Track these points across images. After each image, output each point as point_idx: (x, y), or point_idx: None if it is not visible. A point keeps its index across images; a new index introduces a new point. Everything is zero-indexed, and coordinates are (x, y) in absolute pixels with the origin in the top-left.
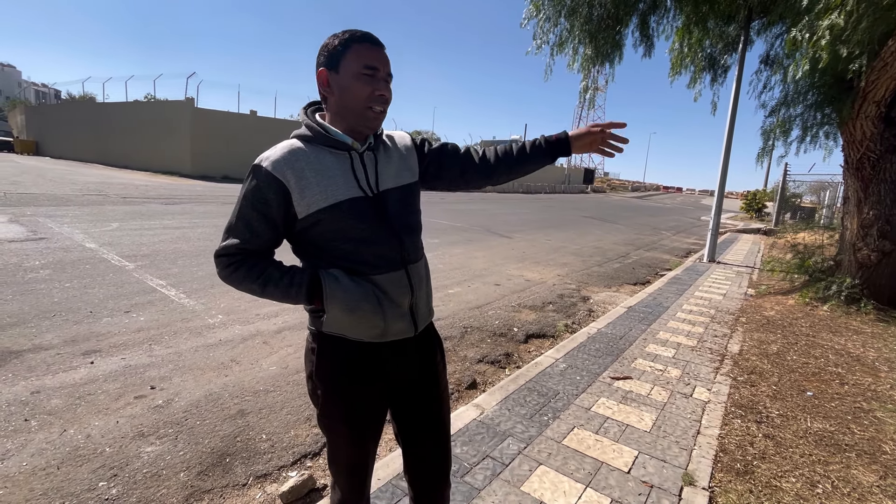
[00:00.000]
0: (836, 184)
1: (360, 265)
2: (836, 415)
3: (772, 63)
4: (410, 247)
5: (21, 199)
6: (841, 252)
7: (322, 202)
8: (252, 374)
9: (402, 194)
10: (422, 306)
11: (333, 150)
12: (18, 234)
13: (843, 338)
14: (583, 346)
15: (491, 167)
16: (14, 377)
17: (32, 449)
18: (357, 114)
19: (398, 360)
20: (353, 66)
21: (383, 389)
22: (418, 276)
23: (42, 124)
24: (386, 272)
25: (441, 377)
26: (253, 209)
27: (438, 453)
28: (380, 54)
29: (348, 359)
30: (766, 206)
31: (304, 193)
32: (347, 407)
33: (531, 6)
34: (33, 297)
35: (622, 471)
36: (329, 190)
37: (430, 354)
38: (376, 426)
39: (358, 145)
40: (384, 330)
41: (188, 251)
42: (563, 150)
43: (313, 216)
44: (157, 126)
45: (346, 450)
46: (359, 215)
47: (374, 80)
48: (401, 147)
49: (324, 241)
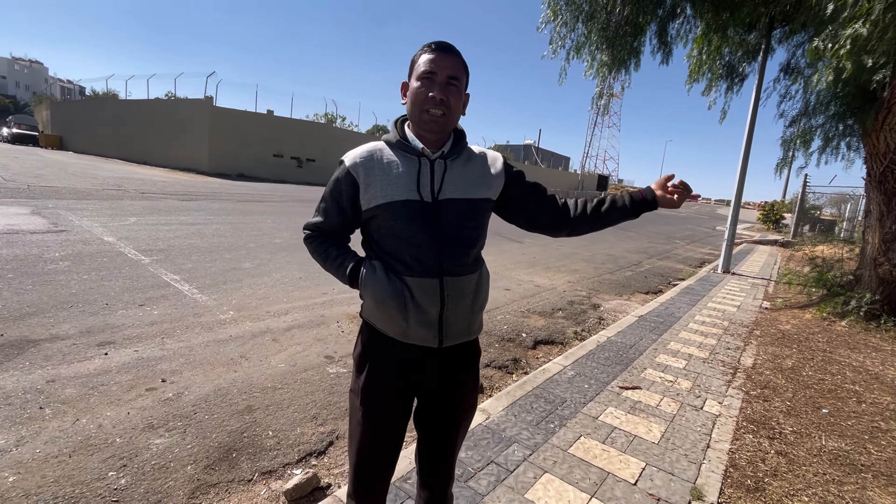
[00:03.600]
0: (857, 196)
1: (397, 263)
2: (853, 434)
3: (792, 72)
4: (454, 259)
5: (44, 192)
6: (861, 267)
7: (380, 199)
8: (261, 370)
9: (464, 206)
10: (455, 322)
11: (407, 154)
12: (40, 226)
13: (861, 354)
14: (592, 354)
15: (572, 219)
16: (31, 365)
17: (46, 436)
18: (417, 117)
19: (419, 366)
20: (416, 73)
21: (405, 389)
22: (457, 291)
23: (66, 120)
24: (419, 277)
25: (464, 398)
26: (330, 196)
27: (440, 468)
28: (440, 59)
29: (376, 346)
30: (783, 217)
31: (368, 189)
32: (367, 389)
33: (548, 10)
34: (52, 288)
35: (629, 482)
36: (389, 189)
37: (455, 372)
38: (395, 420)
39: (429, 152)
40: (406, 331)
41: (202, 247)
42: (649, 207)
43: (372, 210)
44: (177, 124)
45: (360, 431)
46: (408, 217)
47: (430, 84)
48: (487, 164)
49: (378, 235)
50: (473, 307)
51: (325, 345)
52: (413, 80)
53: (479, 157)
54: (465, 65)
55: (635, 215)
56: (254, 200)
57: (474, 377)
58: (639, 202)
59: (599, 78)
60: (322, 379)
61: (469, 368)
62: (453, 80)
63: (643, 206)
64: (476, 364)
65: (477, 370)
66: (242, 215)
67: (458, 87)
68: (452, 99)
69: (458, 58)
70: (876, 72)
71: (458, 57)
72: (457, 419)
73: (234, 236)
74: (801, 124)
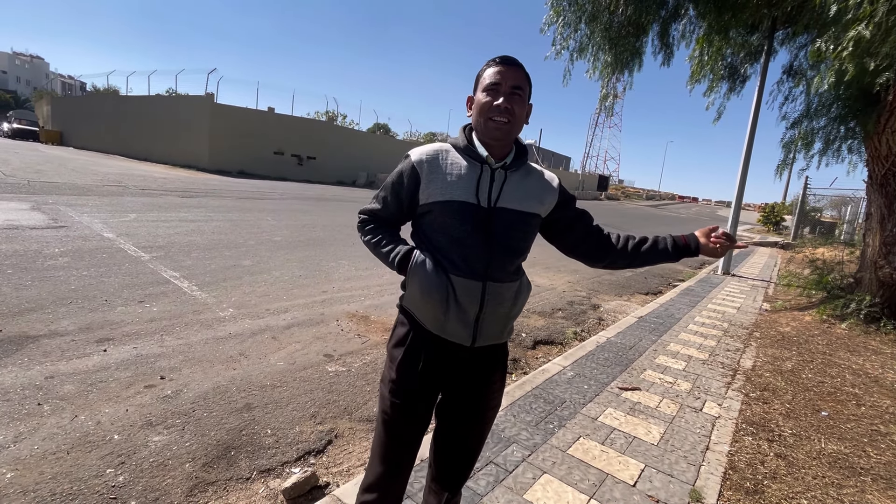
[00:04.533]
0: (858, 199)
1: (445, 261)
2: (852, 437)
3: (795, 74)
4: (499, 266)
5: (44, 188)
6: (861, 269)
7: (439, 196)
8: (260, 368)
9: (516, 217)
10: (491, 325)
11: (471, 159)
12: (40, 222)
13: (861, 357)
14: (591, 355)
15: (612, 253)
16: (30, 361)
17: (44, 433)
18: (483, 125)
19: (452, 361)
20: (482, 85)
21: (434, 382)
22: (497, 296)
23: (67, 115)
24: (464, 277)
25: (492, 398)
26: (392, 186)
27: (458, 465)
28: (504, 71)
29: (412, 336)
30: (784, 219)
31: (429, 184)
32: (399, 377)
33: (551, 11)
34: (51, 284)
35: (628, 483)
36: (448, 188)
37: (485, 372)
38: (421, 412)
39: (492, 160)
40: (443, 325)
41: (202, 244)
42: (691, 254)
43: (429, 205)
44: (177, 120)
45: (388, 417)
46: (462, 218)
47: (495, 94)
48: (544, 181)
49: (430, 230)
50: (510, 313)
51: (324, 343)
52: (479, 93)
53: (538, 173)
54: (528, 76)
55: (676, 259)
56: (254, 198)
57: (502, 376)
58: (682, 247)
59: (604, 79)
60: (321, 377)
61: (497, 367)
62: (517, 89)
63: (685, 252)
64: (504, 364)
65: (505, 369)
66: (242, 213)
67: (522, 97)
68: (517, 107)
69: (521, 69)
70: (879, 74)
71: (521, 68)
72: (483, 416)
73: (234, 233)
74: (803, 126)
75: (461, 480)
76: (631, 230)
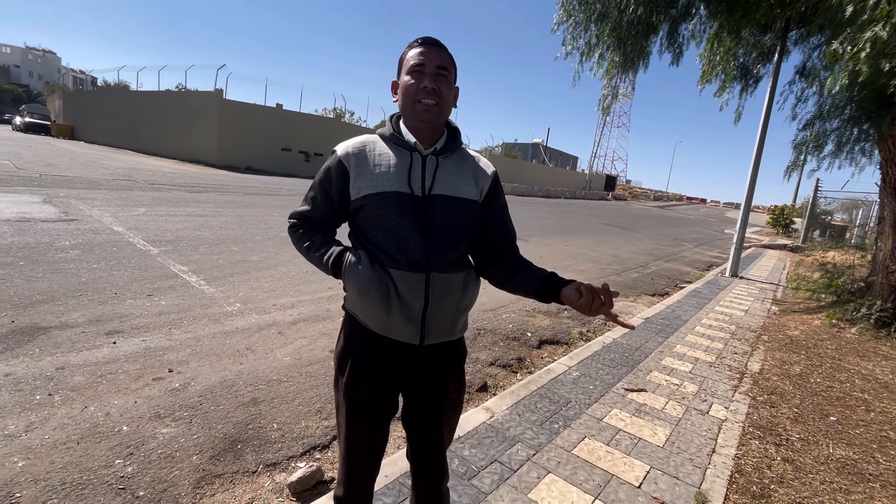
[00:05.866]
0: (870, 202)
1: (383, 255)
2: (861, 442)
3: (808, 75)
4: (440, 255)
5: (55, 181)
6: (873, 274)
7: (370, 189)
8: (266, 363)
9: (454, 205)
10: (438, 320)
11: (399, 147)
12: (51, 215)
13: (871, 363)
14: (597, 355)
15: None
16: (41, 352)
17: (55, 423)
18: (410, 109)
19: (401, 363)
20: (405, 67)
21: (387, 385)
22: (442, 288)
23: (78, 109)
24: (404, 270)
25: (447, 398)
26: (320, 185)
27: (429, 466)
28: (428, 51)
29: (358, 339)
30: (793, 221)
31: (358, 178)
32: (349, 384)
33: (561, 11)
34: (62, 277)
35: (633, 485)
36: (379, 180)
37: (438, 372)
38: (377, 417)
39: (422, 147)
40: (388, 325)
41: (210, 238)
42: (552, 295)
43: (360, 200)
44: (187, 115)
45: (345, 425)
46: (397, 209)
47: (420, 76)
48: (479, 168)
49: (365, 225)
50: (459, 306)
51: (330, 339)
52: (403, 75)
53: (473, 159)
54: (452, 57)
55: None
56: (261, 194)
57: (458, 378)
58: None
59: (607, 78)
60: (327, 373)
61: (453, 369)
62: (442, 70)
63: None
64: (461, 365)
65: (461, 371)
66: (250, 208)
67: (448, 78)
68: (443, 88)
69: (444, 50)
70: (894, 76)
71: (444, 49)
72: (439, 420)
73: (242, 229)
74: (815, 128)
75: (434, 482)
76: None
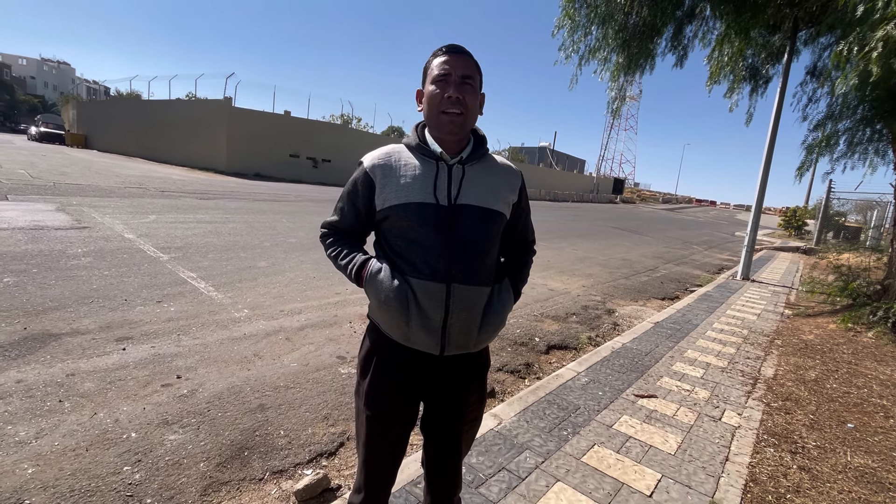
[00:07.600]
0: (885, 203)
1: (405, 264)
2: (880, 450)
3: (819, 75)
4: (463, 265)
5: (68, 189)
6: (889, 276)
7: (394, 200)
8: (273, 369)
9: (480, 214)
10: (459, 332)
11: (425, 157)
12: (64, 223)
13: (889, 368)
14: (606, 361)
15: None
16: (52, 359)
17: (64, 430)
18: (435, 119)
19: (422, 373)
20: (430, 77)
21: (408, 393)
22: (464, 300)
23: (91, 119)
24: (425, 279)
25: (467, 410)
26: (347, 196)
27: (444, 476)
28: (452, 60)
29: (380, 348)
30: (806, 223)
31: (383, 189)
32: (371, 392)
33: (562, 14)
34: (74, 283)
35: (644, 494)
36: (404, 191)
37: (458, 383)
38: (397, 425)
39: (447, 157)
40: (407, 335)
41: (219, 245)
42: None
43: (386, 210)
44: (196, 123)
45: (365, 432)
46: (421, 219)
47: (445, 85)
48: (507, 178)
49: (390, 235)
50: (483, 320)
51: (337, 345)
52: (428, 85)
53: (500, 167)
54: (478, 64)
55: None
56: (270, 200)
57: (479, 390)
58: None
59: (612, 81)
60: (334, 379)
61: (473, 381)
62: (467, 79)
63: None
64: (483, 377)
65: (483, 383)
66: (258, 214)
67: (473, 86)
68: (468, 97)
69: (469, 58)
70: None
71: (469, 57)
72: (458, 431)
73: (250, 235)
74: (827, 128)
75: (448, 492)
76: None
